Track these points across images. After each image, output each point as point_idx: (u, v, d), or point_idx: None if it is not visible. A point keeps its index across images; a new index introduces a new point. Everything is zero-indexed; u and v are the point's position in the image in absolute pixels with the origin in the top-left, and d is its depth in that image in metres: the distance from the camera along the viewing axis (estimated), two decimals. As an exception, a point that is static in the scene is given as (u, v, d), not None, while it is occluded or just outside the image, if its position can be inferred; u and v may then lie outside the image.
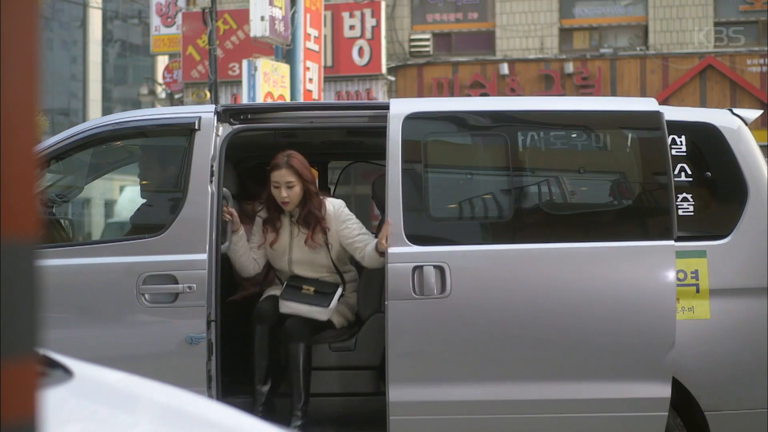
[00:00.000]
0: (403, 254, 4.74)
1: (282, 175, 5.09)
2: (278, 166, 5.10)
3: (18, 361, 1.20)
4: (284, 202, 5.14)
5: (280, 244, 5.28)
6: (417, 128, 4.95)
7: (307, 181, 5.13)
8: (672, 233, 4.72)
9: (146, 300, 4.90)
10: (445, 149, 5.21)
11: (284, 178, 5.09)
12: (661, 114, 4.86)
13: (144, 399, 2.36)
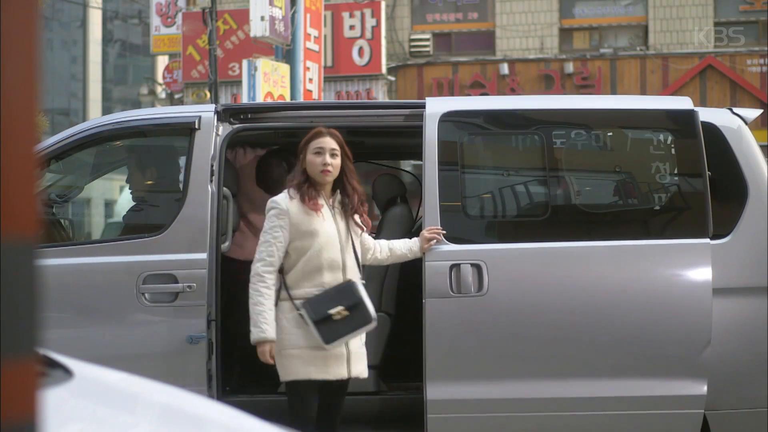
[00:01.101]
0: (441, 252, 4.76)
1: (326, 141, 4.59)
2: (321, 133, 4.63)
3: (18, 361, 1.20)
4: (326, 170, 4.54)
5: (327, 231, 4.52)
6: (453, 127, 4.96)
7: (347, 156, 4.66)
8: (707, 231, 4.74)
9: (146, 299, 4.90)
10: (480, 148, 5.23)
11: (329, 144, 4.58)
12: (695, 113, 4.89)
13: (144, 399, 2.36)
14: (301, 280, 4.47)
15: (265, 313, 4.42)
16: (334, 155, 4.57)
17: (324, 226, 4.50)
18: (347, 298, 4.43)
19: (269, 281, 4.46)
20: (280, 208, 4.52)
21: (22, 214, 1.20)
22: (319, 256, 4.46)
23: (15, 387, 1.18)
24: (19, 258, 1.20)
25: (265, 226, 4.54)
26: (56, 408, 2.04)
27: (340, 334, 4.39)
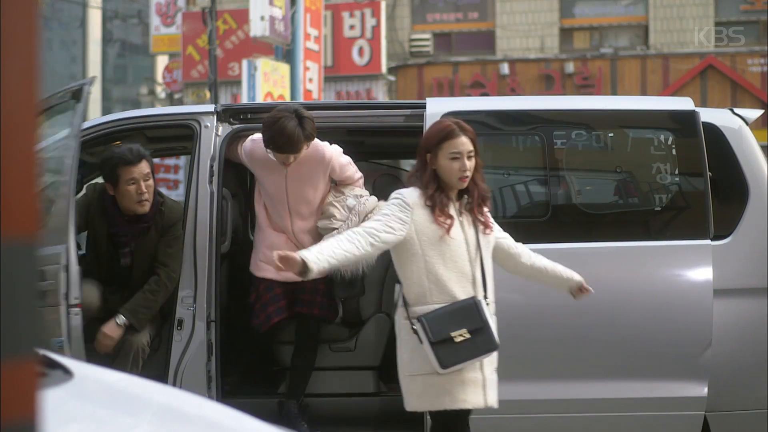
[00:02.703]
0: None
1: (463, 143, 3.97)
2: (455, 133, 3.99)
3: (18, 361, 1.20)
4: (464, 177, 3.97)
5: (455, 239, 3.96)
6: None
7: (478, 153, 4.07)
8: (708, 232, 4.74)
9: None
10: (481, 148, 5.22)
11: (466, 147, 3.98)
12: (696, 113, 4.88)
13: (144, 399, 2.36)
14: (425, 296, 3.93)
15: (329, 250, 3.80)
16: (470, 157, 4.00)
17: (451, 233, 3.95)
18: (471, 319, 3.88)
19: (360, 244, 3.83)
20: (405, 201, 3.97)
21: (22, 214, 1.20)
22: (446, 269, 3.93)
23: (15, 387, 1.18)
24: (19, 258, 1.20)
25: (382, 211, 4.04)
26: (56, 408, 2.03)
27: (459, 359, 3.86)
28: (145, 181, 4.92)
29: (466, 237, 3.98)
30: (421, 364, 3.88)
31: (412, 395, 3.96)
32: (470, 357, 3.87)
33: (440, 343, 3.83)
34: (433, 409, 3.95)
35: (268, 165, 4.99)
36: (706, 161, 4.81)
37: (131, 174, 4.89)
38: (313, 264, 3.72)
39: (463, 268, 3.94)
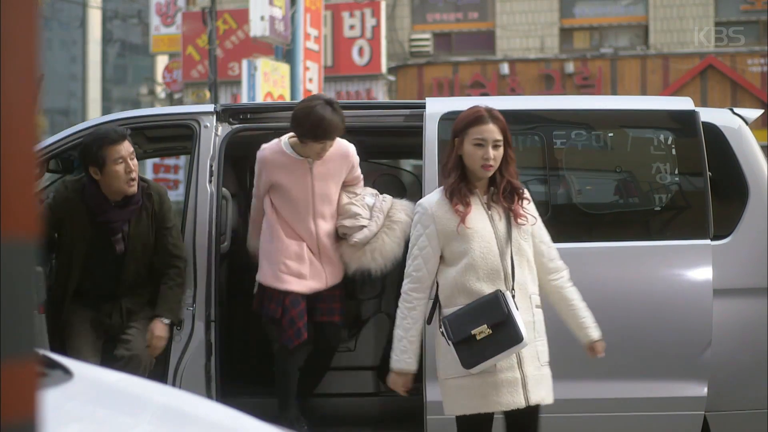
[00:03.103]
0: None
1: (489, 130, 3.85)
2: (483, 119, 3.88)
3: (18, 361, 1.19)
4: (488, 165, 3.85)
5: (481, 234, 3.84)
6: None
7: (509, 143, 3.92)
8: (708, 232, 4.74)
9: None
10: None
11: (492, 135, 3.85)
12: (696, 113, 4.88)
13: (143, 399, 2.36)
14: (456, 296, 3.83)
15: (404, 340, 3.86)
16: (497, 146, 3.86)
17: (478, 227, 3.84)
18: (492, 313, 3.74)
19: (415, 301, 3.87)
20: (424, 212, 3.91)
21: (22, 214, 1.20)
22: (474, 266, 3.81)
23: (15, 387, 1.18)
24: (19, 258, 1.20)
25: (411, 236, 3.99)
26: (56, 408, 2.03)
27: (483, 358, 3.73)
28: (131, 159, 4.76)
29: (495, 230, 3.85)
30: (452, 367, 3.81)
31: (447, 399, 3.89)
32: (494, 354, 3.72)
33: (462, 343, 3.74)
34: (468, 413, 3.84)
35: (291, 167, 4.92)
36: (706, 161, 4.81)
37: (118, 153, 4.71)
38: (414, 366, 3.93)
39: (493, 264, 3.80)
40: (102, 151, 4.70)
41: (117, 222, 4.81)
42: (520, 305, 3.79)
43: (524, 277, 3.85)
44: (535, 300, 3.88)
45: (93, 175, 4.75)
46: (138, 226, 4.84)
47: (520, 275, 3.83)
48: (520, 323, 3.73)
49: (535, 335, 3.84)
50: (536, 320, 3.86)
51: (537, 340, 3.85)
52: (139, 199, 4.82)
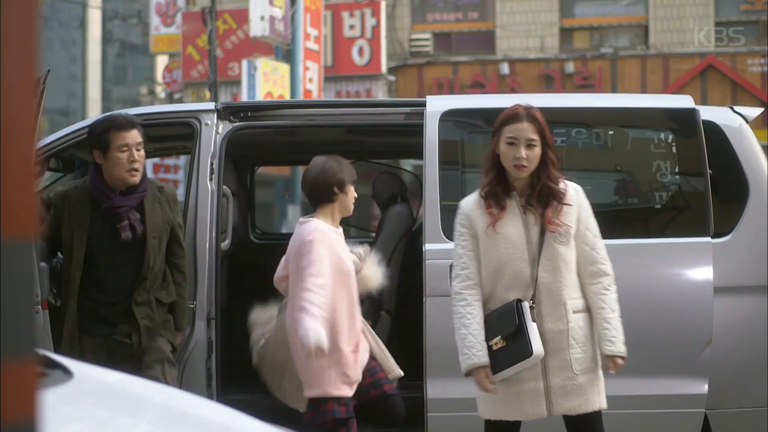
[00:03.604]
0: (441, 251, 4.73)
1: (522, 129, 3.75)
2: (517, 118, 3.79)
3: (18, 361, 1.19)
4: (520, 165, 3.74)
5: (511, 239, 3.77)
6: (453, 126, 4.94)
7: (548, 144, 3.79)
8: (708, 230, 4.73)
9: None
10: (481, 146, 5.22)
11: (525, 134, 3.74)
12: (696, 111, 4.87)
13: (143, 399, 2.36)
14: (487, 302, 3.80)
15: (470, 336, 3.74)
16: (531, 146, 3.76)
17: (508, 231, 3.76)
18: (505, 325, 3.71)
19: (470, 297, 3.77)
20: (461, 212, 3.88)
21: (22, 214, 1.20)
22: (500, 272, 3.75)
23: (15, 387, 1.18)
24: (19, 258, 1.20)
25: (454, 236, 3.93)
26: (56, 408, 2.03)
27: (497, 369, 3.73)
28: (137, 150, 4.50)
29: (528, 235, 3.76)
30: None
31: (479, 401, 3.90)
32: (507, 365, 3.69)
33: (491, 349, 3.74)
34: (492, 418, 3.84)
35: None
36: (707, 159, 4.81)
37: (123, 140, 4.48)
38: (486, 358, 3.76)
39: (519, 270, 3.73)
40: (107, 134, 4.49)
41: (122, 207, 4.52)
42: (550, 313, 3.73)
43: (558, 283, 3.74)
44: (575, 305, 3.77)
45: (96, 159, 4.55)
46: (153, 214, 4.57)
47: (551, 282, 3.73)
48: (533, 336, 3.65)
49: (570, 343, 3.73)
50: (571, 327, 3.74)
51: (571, 348, 3.74)
52: (145, 189, 4.57)
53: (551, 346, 3.73)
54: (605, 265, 3.81)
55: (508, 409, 3.78)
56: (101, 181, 4.54)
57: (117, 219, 4.51)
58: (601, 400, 3.81)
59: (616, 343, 3.74)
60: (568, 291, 3.75)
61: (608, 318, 3.75)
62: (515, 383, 3.75)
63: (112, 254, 4.54)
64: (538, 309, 3.73)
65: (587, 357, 3.77)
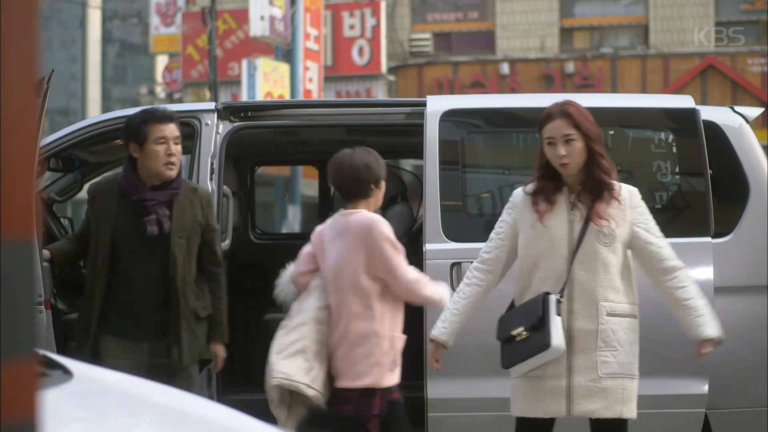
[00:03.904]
0: (442, 251, 4.73)
1: (556, 127, 3.75)
2: (551, 117, 3.79)
3: (18, 361, 1.19)
4: (563, 163, 3.72)
5: (552, 234, 3.75)
6: (453, 126, 4.94)
7: (589, 137, 3.74)
8: (709, 230, 4.73)
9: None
10: (481, 146, 5.22)
11: (560, 131, 3.73)
12: (697, 111, 4.87)
13: (143, 399, 2.36)
14: (523, 295, 3.81)
15: (448, 311, 3.87)
16: (569, 141, 3.72)
17: (552, 226, 3.74)
18: (530, 316, 3.70)
19: (474, 279, 3.85)
20: (513, 199, 3.89)
21: (22, 214, 1.20)
22: (538, 266, 3.74)
23: (15, 387, 1.18)
24: (19, 258, 1.20)
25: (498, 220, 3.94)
26: (56, 408, 2.03)
27: (516, 359, 3.75)
28: (175, 144, 4.34)
29: (571, 232, 3.72)
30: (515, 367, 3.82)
31: (511, 397, 3.90)
32: (525, 357, 3.69)
33: (505, 342, 3.76)
34: (518, 414, 3.84)
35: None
36: (707, 159, 4.81)
37: (161, 132, 4.31)
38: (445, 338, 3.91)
39: (555, 266, 3.71)
40: (144, 127, 4.33)
41: (151, 201, 4.32)
42: (582, 312, 3.70)
43: (593, 282, 3.69)
44: (611, 308, 3.73)
45: (132, 152, 4.37)
46: (182, 214, 4.37)
47: (586, 280, 3.69)
48: (554, 329, 3.62)
49: (598, 345, 3.70)
50: (602, 329, 3.70)
51: (599, 350, 3.70)
52: (179, 187, 4.39)
53: (579, 345, 3.70)
54: (675, 261, 3.77)
55: (531, 405, 3.76)
56: (134, 173, 4.37)
57: (144, 212, 4.31)
58: (626, 408, 3.75)
59: (710, 327, 3.75)
60: (604, 292, 3.70)
61: (695, 306, 3.74)
62: (539, 380, 3.72)
63: (137, 251, 4.34)
64: (570, 306, 3.70)
65: (617, 362, 3.72)
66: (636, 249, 3.78)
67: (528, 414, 3.78)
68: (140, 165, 4.35)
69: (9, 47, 1.17)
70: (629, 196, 3.78)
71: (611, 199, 3.72)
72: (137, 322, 4.31)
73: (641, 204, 3.81)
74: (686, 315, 3.79)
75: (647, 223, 3.78)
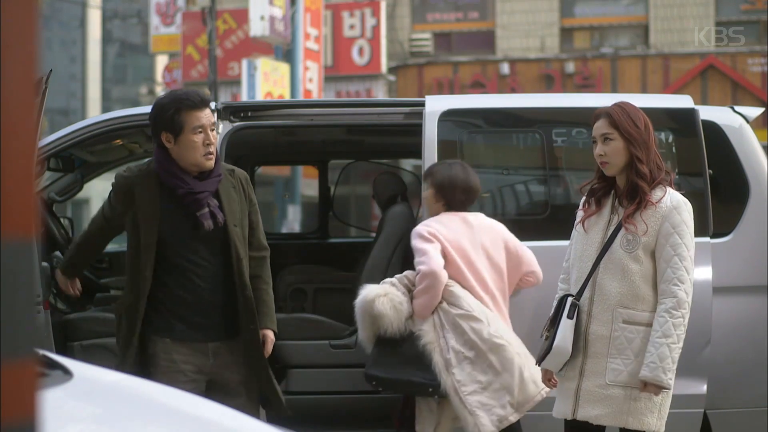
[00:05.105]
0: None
1: (598, 126, 3.77)
2: (596, 117, 3.81)
3: (18, 361, 1.19)
4: (602, 162, 3.74)
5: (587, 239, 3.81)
6: (452, 126, 4.95)
7: (629, 138, 3.69)
8: (708, 230, 4.73)
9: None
10: (480, 146, 5.23)
11: (599, 131, 3.75)
12: (696, 111, 4.87)
13: (143, 399, 2.36)
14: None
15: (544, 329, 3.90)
16: (607, 140, 3.73)
17: (591, 229, 3.80)
18: (551, 317, 3.83)
19: (561, 291, 3.89)
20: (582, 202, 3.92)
21: (22, 214, 1.20)
22: (574, 267, 3.83)
23: (15, 387, 1.18)
24: (19, 258, 1.20)
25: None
26: (56, 408, 2.03)
27: (539, 359, 3.88)
28: (212, 131, 3.98)
29: (604, 236, 3.74)
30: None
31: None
32: (541, 358, 3.84)
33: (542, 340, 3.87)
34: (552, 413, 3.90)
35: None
36: (706, 159, 4.81)
37: (198, 120, 3.93)
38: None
39: (583, 268, 3.76)
40: (179, 116, 3.92)
41: (202, 193, 3.96)
42: (598, 316, 3.72)
43: (611, 288, 3.68)
44: (628, 316, 3.68)
45: (165, 142, 3.96)
46: (230, 200, 4.05)
47: (606, 285, 3.70)
48: (560, 331, 3.71)
49: (610, 351, 3.68)
50: (615, 336, 3.68)
51: (610, 357, 3.68)
52: (220, 173, 4.04)
53: (592, 349, 3.72)
54: (676, 287, 3.62)
55: (555, 407, 3.86)
56: (174, 165, 3.97)
57: (197, 206, 3.95)
58: (634, 420, 3.69)
59: (648, 369, 3.62)
60: (621, 299, 3.68)
61: (654, 341, 3.63)
62: (560, 380, 3.83)
63: (192, 248, 3.99)
64: (590, 309, 3.73)
65: (627, 372, 3.68)
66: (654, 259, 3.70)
67: (553, 414, 3.87)
68: (175, 156, 3.96)
69: (9, 47, 1.17)
70: (670, 206, 3.66)
71: (646, 205, 3.66)
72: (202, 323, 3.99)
73: (679, 217, 3.66)
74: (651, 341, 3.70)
75: (673, 239, 3.64)
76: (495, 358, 4.32)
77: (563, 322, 3.72)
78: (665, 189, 3.71)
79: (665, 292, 3.63)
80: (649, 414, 3.71)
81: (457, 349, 4.32)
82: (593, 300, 3.71)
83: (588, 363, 3.72)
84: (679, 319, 3.62)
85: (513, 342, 4.40)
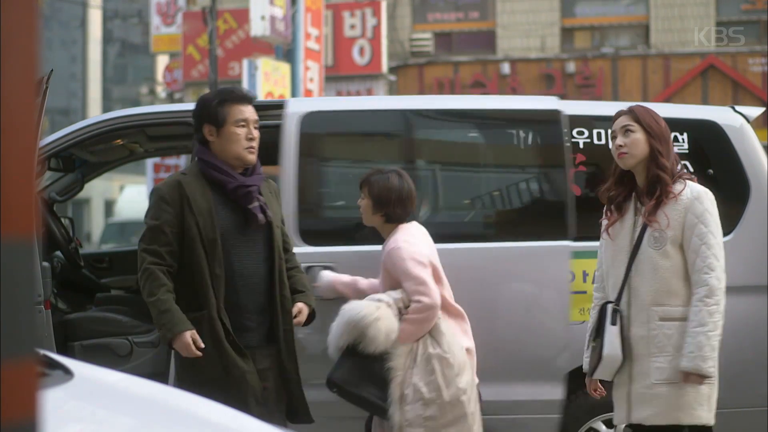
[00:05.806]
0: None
1: (619, 121, 3.79)
2: (617, 114, 3.83)
3: (18, 361, 1.19)
4: (621, 152, 3.73)
5: (618, 241, 3.81)
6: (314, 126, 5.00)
7: (650, 132, 3.71)
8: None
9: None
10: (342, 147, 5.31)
11: (620, 124, 3.77)
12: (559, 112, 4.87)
13: (143, 399, 2.36)
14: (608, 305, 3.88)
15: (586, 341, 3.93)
16: (628, 131, 3.74)
17: (617, 234, 3.81)
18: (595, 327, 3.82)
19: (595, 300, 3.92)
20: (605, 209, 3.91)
21: (22, 214, 1.20)
22: (609, 273, 3.83)
23: (15, 387, 1.18)
24: (19, 258, 1.20)
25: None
26: (56, 408, 2.03)
27: (589, 369, 3.88)
28: (255, 128, 3.98)
29: (632, 239, 3.74)
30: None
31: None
32: (592, 369, 3.81)
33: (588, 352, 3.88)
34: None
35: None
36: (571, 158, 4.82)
37: (242, 114, 3.93)
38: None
39: (617, 273, 3.75)
40: (223, 108, 3.93)
41: (252, 186, 3.94)
42: (636, 318, 3.73)
43: (644, 287, 3.69)
44: (664, 313, 3.68)
45: (207, 136, 3.94)
46: (270, 201, 4.06)
47: (638, 286, 3.71)
48: (607, 338, 3.70)
49: (651, 351, 3.68)
50: (654, 335, 3.67)
51: (653, 357, 3.68)
52: (261, 171, 4.05)
53: (635, 352, 3.72)
54: (707, 275, 3.60)
55: (614, 414, 3.85)
56: (218, 159, 3.94)
57: (248, 200, 3.91)
58: (684, 415, 3.66)
59: (689, 359, 3.58)
60: (654, 297, 3.68)
61: (690, 332, 3.60)
62: (614, 388, 3.82)
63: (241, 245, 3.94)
64: (628, 313, 3.74)
65: (671, 368, 3.65)
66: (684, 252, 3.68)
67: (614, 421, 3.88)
68: (216, 149, 3.94)
69: (9, 47, 1.17)
70: (691, 197, 3.68)
71: (667, 196, 3.68)
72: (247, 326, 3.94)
73: (701, 207, 3.67)
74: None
75: (699, 229, 3.64)
76: (450, 410, 4.10)
77: (608, 330, 3.69)
78: (684, 182, 3.72)
79: (697, 282, 3.62)
80: (698, 407, 3.67)
81: (418, 387, 4.09)
82: (630, 303, 3.72)
83: (635, 366, 3.72)
84: (713, 306, 3.58)
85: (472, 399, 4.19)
